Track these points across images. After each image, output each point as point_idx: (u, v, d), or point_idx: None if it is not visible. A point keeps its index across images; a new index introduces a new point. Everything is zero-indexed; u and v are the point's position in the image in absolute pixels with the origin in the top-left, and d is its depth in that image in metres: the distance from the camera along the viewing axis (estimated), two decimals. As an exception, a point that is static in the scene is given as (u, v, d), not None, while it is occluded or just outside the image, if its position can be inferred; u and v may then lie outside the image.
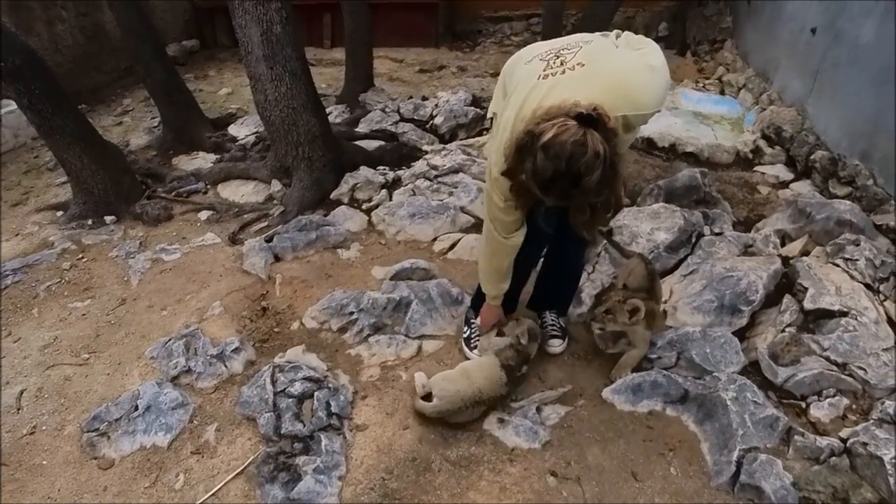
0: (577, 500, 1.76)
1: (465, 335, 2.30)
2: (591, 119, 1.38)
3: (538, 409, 2.02)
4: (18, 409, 2.10)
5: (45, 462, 1.91)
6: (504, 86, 1.82)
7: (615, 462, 1.86)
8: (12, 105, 3.96)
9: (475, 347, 2.23)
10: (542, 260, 2.25)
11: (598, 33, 1.85)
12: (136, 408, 2.02)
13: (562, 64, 1.57)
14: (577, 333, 2.34)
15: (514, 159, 1.50)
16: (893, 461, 1.71)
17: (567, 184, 1.40)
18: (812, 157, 3.54)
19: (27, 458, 1.93)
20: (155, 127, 4.30)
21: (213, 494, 1.79)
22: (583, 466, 1.85)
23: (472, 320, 2.28)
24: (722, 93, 5.11)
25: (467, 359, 2.25)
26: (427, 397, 1.99)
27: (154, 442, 1.95)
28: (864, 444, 1.78)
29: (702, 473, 1.83)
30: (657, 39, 6.68)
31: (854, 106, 3.44)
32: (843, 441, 1.84)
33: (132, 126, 4.53)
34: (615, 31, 1.85)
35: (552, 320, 2.28)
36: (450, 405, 1.95)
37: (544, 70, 1.58)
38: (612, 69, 1.57)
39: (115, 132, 4.37)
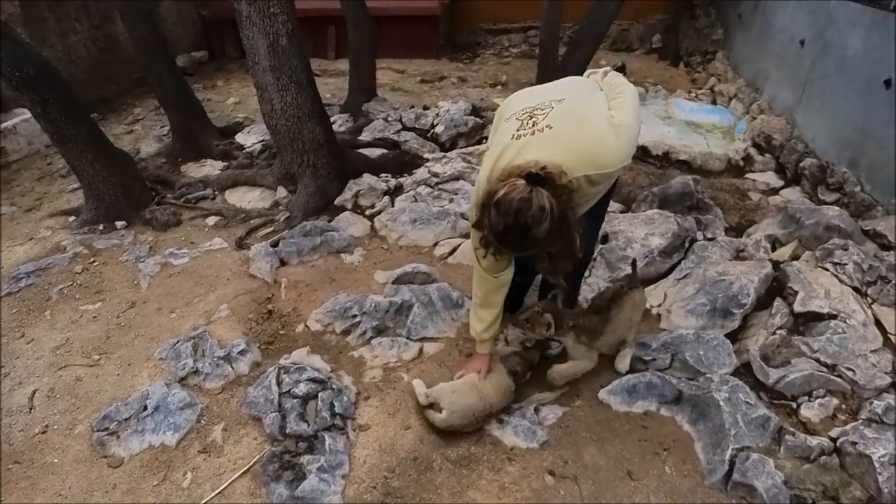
0: (575, 499, 1.76)
1: None
2: (538, 178, 1.48)
3: (536, 410, 2.02)
4: (31, 409, 2.09)
5: (56, 460, 1.91)
6: (496, 125, 1.91)
7: (611, 461, 1.86)
8: (27, 114, 3.97)
9: None
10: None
11: (582, 80, 1.95)
12: (145, 408, 2.02)
13: (533, 125, 1.65)
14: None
15: (479, 215, 1.59)
16: (882, 460, 1.71)
17: (517, 236, 1.50)
18: (801, 164, 3.55)
19: (39, 457, 1.92)
20: (164, 135, 4.31)
21: (219, 493, 1.78)
22: (580, 465, 1.85)
23: None
24: (714, 103, 5.13)
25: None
26: (431, 405, 1.96)
27: (162, 441, 1.94)
28: (854, 444, 1.78)
29: (695, 472, 1.82)
30: (651, 51, 6.74)
31: (842, 115, 3.45)
32: (833, 440, 1.84)
33: (142, 134, 4.54)
34: (603, 70, 1.96)
35: None
36: (462, 420, 1.92)
37: (518, 130, 1.67)
38: (577, 132, 1.64)
39: (126, 140, 4.38)
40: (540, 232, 1.48)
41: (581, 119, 1.68)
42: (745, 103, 4.72)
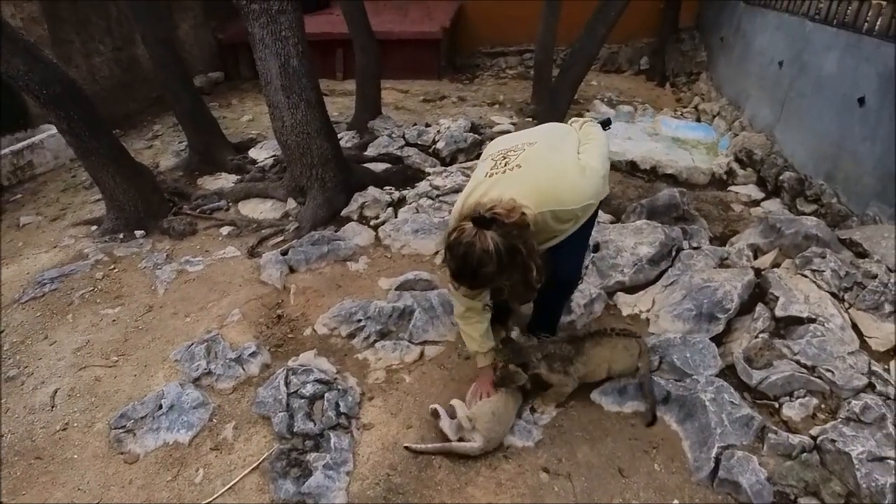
0: (568, 495, 1.74)
1: None
2: (484, 220, 1.53)
3: (532, 410, 2.01)
4: (52, 407, 2.09)
5: (75, 456, 1.90)
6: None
7: (603, 459, 1.85)
8: (53, 129, 4.00)
9: None
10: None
11: (559, 125, 2.01)
12: (161, 407, 2.01)
13: (505, 165, 1.71)
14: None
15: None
16: (860, 457, 1.69)
17: (468, 275, 1.57)
18: (781, 177, 3.56)
19: (59, 453, 1.91)
20: (182, 150, 4.33)
21: (230, 488, 1.77)
22: (573, 463, 1.83)
23: None
24: (698, 120, 5.15)
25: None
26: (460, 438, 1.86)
27: (176, 439, 1.93)
28: (833, 441, 1.76)
29: (683, 469, 1.81)
30: (639, 72, 6.79)
31: (818, 131, 3.47)
32: (814, 438, 1.82)
33: (161, 149, 4.55)
34: (584, 119, 2.02)
35: (546, 337, 2.25)
36: (495, 444, 1.86)
37: (491, 169, 1.73)
38: (544, 171, 1.70)
39: (145, 154, 4.40)
40: (488, 271, 1.53)
41: (549, 159, 1.74)
42: (728, 121, 4.74)
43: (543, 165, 1.72)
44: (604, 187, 1.79)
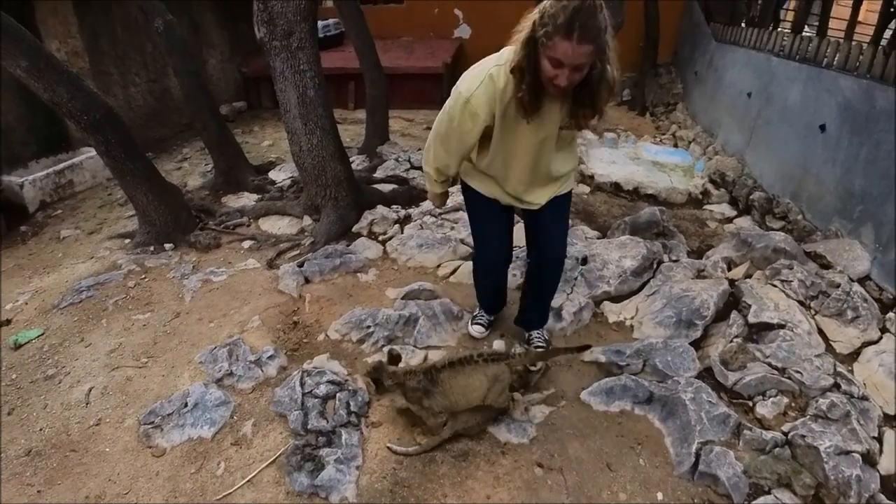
0: (560, 488, 1.72)
1: (472, 314, 2.45)
2: None
3: (526, 409, 1.99)
4: (87, 404, 2.08)
5: (107, 449, 1.89)
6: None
7: (592, 455, 1.83)
8: (92, 151, 4.04)
9: (476, 324, 2.37)
10: (524, 279, 2.27)
11: None
12: (186, 405, 2.01)
13: None
14: (559, 344, 2.32)
15: (523, 52, 1.46)
16: (828, 451, 1.69)
17: (587, 16, 1.32)
18: (751, 197, 3.58)
19: (92, 446, 1.90)
20: (208, 171, 4.36)
21: (248, 480, 1.76)
22: (565, 459, 1.82)
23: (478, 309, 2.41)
24: (675, 146, 5.19)
25: (470, 335, 2.36)
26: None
27: (200, 434, 1.92)
28: (803, 437, 1.75)
29: (666, 464, 1.80)
30: (621, 103, 6.86)
31: (784, 155, 3.50)
32: (785, 434, 1.82)
33: (189, 170, 4.59)
34: None
35: (537, 335, 2.27)
36: (452, 407, 1.82)
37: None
38: None
39: (175, 175, 4.43)
40: (602, 20, 1.34)
41: None
42: (703, 146, 4.78)
43: None
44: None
